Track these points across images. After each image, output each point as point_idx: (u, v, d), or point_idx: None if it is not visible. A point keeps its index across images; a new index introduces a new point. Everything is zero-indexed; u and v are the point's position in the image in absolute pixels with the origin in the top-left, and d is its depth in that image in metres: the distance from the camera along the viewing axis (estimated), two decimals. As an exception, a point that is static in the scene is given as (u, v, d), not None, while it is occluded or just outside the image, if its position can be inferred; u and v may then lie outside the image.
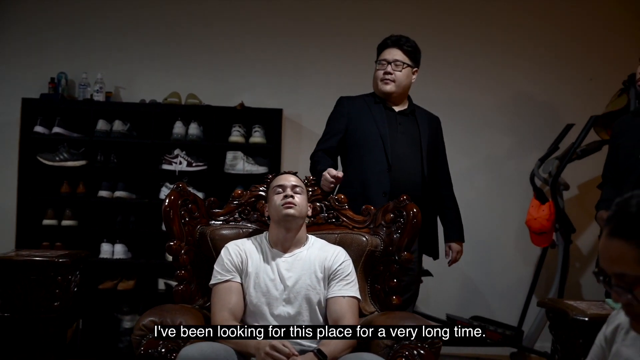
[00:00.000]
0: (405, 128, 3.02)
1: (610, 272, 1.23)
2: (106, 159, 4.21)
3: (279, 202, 2.42)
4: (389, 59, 3.01)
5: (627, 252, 1.18)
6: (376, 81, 3.05)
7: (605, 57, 4.51)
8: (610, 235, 1.21)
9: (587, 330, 2.04)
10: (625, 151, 2.81)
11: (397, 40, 3.04)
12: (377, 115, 3.02)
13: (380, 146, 2.95)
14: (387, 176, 2.92)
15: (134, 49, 4.51)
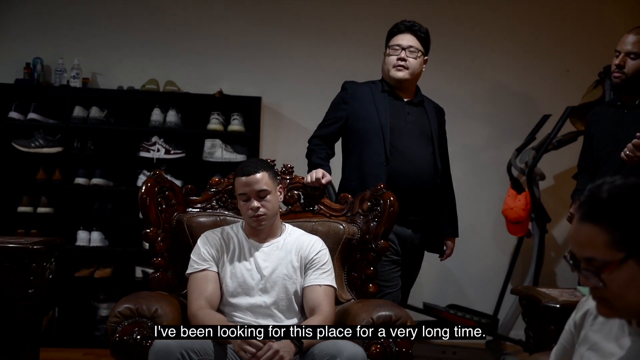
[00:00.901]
0: (414, 118, 2.90)
1: (580, 256, 1.25)
2: (83, 146, 4.17)
3: (246, 211, 2.39)
4: (403, 44, 2.87)
5: (596, 236, 1.21)
6: (387, 67, 2.90)
7: (581, 49, 4.55)
8: (581, 220, 1.24)
9: (559, 317, 2.08)
10: (599, 141, 2.84)
11: (411, 26, 2.91)
12: (380, 104, 2.88)
13: (380, 137, 2.81)
14: (384, 169, 2.79)
15: (112, 34, 4.45)
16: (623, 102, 2.79)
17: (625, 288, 1.21)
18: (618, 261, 1.20)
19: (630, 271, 1.20)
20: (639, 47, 2.69)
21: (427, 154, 2.87)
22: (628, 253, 1.20)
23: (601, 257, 1.21)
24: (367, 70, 4.49)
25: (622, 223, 1.20)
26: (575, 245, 1.26)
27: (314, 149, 2.97)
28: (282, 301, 2.38)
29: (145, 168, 4.19)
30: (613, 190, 1.23)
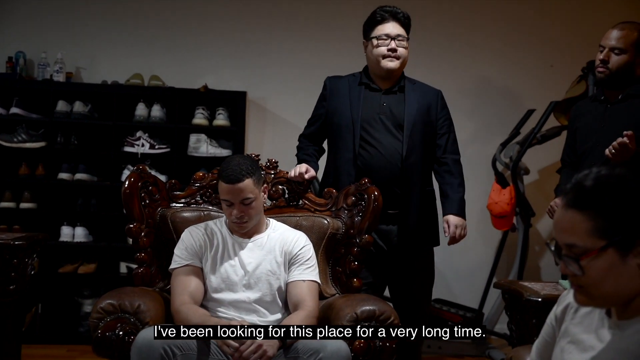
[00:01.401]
0: (389, 108, 2.80)
1: (562, 243, 1.27)
2: (66, 141, 4.13)
3: (229, 216, 2.37)
4: (391, 33, 2.77)
5: (579, 223, 1.23)
6: (377, 58, 2.78)
7: (565, 45, 4.57)
8: (566, 207, 1.26)
9: (541, 310, 2.09)
10: (583, 135, 2.86)
11: (394, 13, 2.81)
12: (354, 98, 2.82)
13: (351, 132, 2.78)
14: (353, 165, 2.77)
15: (96, 28, 4.41)
16: (606, 96, 2.81)
17: (603, 276, 1.23)
18: (598, 249, 1.22)
19: (610, 260, 1.22)
20: (623, 43, 2.71)
21: (397, 144, 2.77)
22: (609, 242, 1.21)
23: (582, 244, 1.23)
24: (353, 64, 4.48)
25: (606, 212, 1.21)
26: (558, 231, 1.28)
27: (302, 146, 2.97)
28: (265, 297, 2.37)
29: (129, 163, 4.16)
30: (598, 179, 1.24)
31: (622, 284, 1.23)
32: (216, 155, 4.17)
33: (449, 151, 2.89)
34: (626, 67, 2.71)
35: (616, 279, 1.23)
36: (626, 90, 2.74)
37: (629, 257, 1.22)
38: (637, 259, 1.22)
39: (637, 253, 1.21)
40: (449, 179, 2.87)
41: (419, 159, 2.80)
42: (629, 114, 2.70)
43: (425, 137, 2.83)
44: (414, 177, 2.79)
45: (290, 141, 4.47)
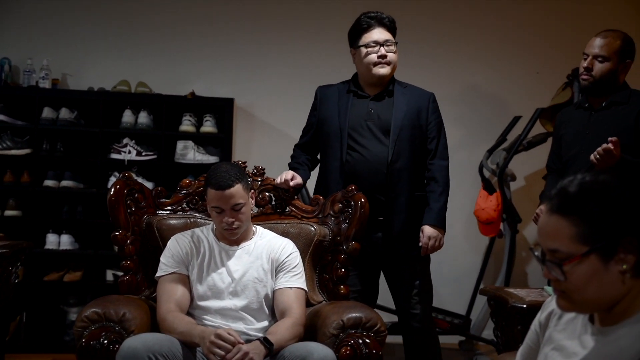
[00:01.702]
0: (377, 114, 2.79)
1: (545, 248, 1.28)
2: (52, 148, 4.11)
3: (219, 224, 2.37)
4: (379, 40, 2.77)
5: (563, 228, 1.24)
6: (367, 66, 2.78)
7: (550, 52, 4.60)
8: (550, 212, 1.27)
9: (526, 317, 2.10)
10: (568, 142, 2.88)
11: (380, 19, 2.80)
12: (342, 105, 2.82)
13: (338, 140, 2.78)
14: (340, 172, 2.77)
15: (83, 35, 4.40)
16: (590, 103, 2.83)
17: (585, 282, 1.23)
18: (581, 255, 1.22)
19: (592, 266, 1.22)
20: (606, 50, 2.74)
21: (383, 149, 2.76)
22: (591, 248, 1.22)
23: (565, 249, 1.24)
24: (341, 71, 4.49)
25: (589, 218, 1.22)
26: (542, 236, 1.28)
27: (294, 155, 2.98)
28: (252, 304, 2.37)
29: (116, 170, 4.14)
30: (583, 185, 1.25)
31: (604, 290, 1.24)
32: (203, 162, 4.16)
33: (437, 156, 2.87)
34: (609, 75, 2.74)
35: (598, 285, 1.23)
36: (609, 98, 2.77)
37: (611, 264, 1.22)
38: (619, 266, 1.22)
39: (619, 260, 1.22)
40: (432, 186, 2.84)
41: (406, 164, 2.78)
42: (612, 120, 2.73)
43: (414, 141, 2.81)
44: (401, 182, 2.77)
45: (277, 148, 4.49)
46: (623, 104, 2.75)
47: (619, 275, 1.23)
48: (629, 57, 2.77)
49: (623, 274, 1.23)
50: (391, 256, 2.80)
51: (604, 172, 1.28)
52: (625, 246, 1.21)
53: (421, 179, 2.87)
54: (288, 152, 4.48)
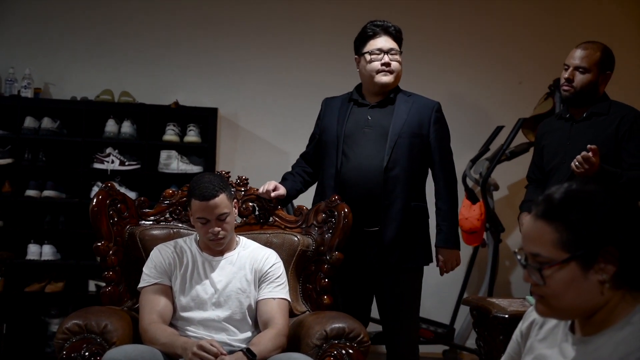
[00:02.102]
0: (374, 122, 2.74)
1: (528, 252, 1.29)
2: (34, 157, 4.08)
3: (205, 235, 2.35)
4: (384, 47, 2.74)
5: (546, 234, 1.25)
6: (370, 74, 2.75)
7: (532, 63, 4.64)
8: (535, 217, 1.28)
9: (508, 327, 2.11)
10: (549, 152, 2.91)
11: (386, 27, 2.78)
12: (342, 114, 2.79)
13: (335, 148, 2.74)
14: (335, 180, 2.73)
15: (66, 44, 4.38)
16: (571, 114, 2.87)
17: (564, 289, 1.24)
18: (561, 261, 1.23)
19: (571, 273, 1.24)
20: (587, 62, 2.77)
21: (379, 156, 2.69)
22: (572, 255, 1.23)
23: (546, 254, 1.25)
24: (324, 82, 4.52)
25: (572, 225, 1.23)
26: (526, 240, 1.30)
27: (294, 164, 2.96)
28: (235, 315, 2.36)
29: (99, 180, 4.12)
30: (569, 193, 1.27)
31: (582, 298, 1.25)
32: (187, 172, 4.14)
33: (441, 168, 2.79)
34: (590, 86, 2.78)
35: (576, 293, 1.25)
36: (590, 108, 2.80)
37: (590, 273, 1.23)
38: (598, 275, 1.23)
39: (599, 269, 1.23)
40: (439, 203, 2.78)
41: (402, 172, 2.70)
42: (593, 131, 2.76)
43: (413, 150, 2.72)
44: (396, 190, 2.69)
45: (261, 158, 4.50)
46: (603, 114, 2.78)
47: (598, 285, 1.24)
48: (609, 68, 2.81)
49: (602, 284, 1.24)
50: (381, 266, 2.71)
51: (591, 182, 1.30)
52: (605, 256, 1.23)
53: (420, 189, 2.79)
54: (272, 161, 4.53)
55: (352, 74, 4.68)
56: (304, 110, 4.52)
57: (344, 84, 4.40)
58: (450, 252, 2.75)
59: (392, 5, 4.56)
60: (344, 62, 4.53)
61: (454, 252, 2.76)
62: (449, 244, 2.74)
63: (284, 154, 4.52)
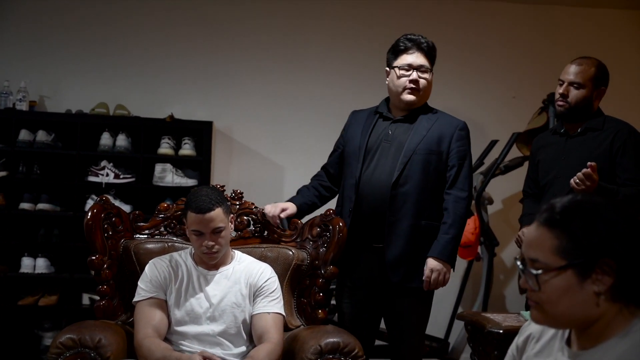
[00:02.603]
0: (393, 137, 2.69)
1: (527, 257, 1.30)
2: (29, 170, 4.07)
3: (199, 248, 2.35)
4: (414, 64, 2.68)
5: (546, 240, 1.27)
6: (397, 89, 2.69)
7: (527, 77, 4.68)
8: (538, 224, 1.30)
9: (502, 342, 2.11)
10: (545, 167, 2.92)
11: (418, 43, 2.71)
12: (366, 127, 2.74)
13: (356, 160, 2.70)
14: (355, 191, 2.67)
15: (61, 57, 4.39)
16: (566, 129, 2.88)
17: (559, 296, 1.25)
18: (558, 267, 1.24)
19: (567, 281, 1.24)
20: (581, 77, 2.79)
21: (391, 171, 2.64)
22: (569, 263, 1.24)
23: (544, 260, 1.26)
24: (319, 96, 4.54)
25: (573, 234, 1.24)
26: (526, 245, 1.31)
27: (314, 177, 2.92)
28: (230, 329, 2.35)
29: (93, 193, 4.11)
30: (573, 202, 1.28)
31: (577, 308, 1.26)
32: (182, 185, 4.14)
33: (455, 187, 2.67)
34: (585, 101, 2.79)
35: (571, 301, 1.25)
36: (585, 124, 2.82)
37: (586, 282, 1.24)
38: (595, 286, 1.24)
39: (595, 280, 1.24)
40: (445, 217, 2.66)
41: (414, 189, 2.62)
42: (588, 146, 2.78)
43: (428, 167, 2.65)
44: (404, 207, 2.62)
45: (256, 171, 4.51)
46: (598, 130, 2.80)
47: (594, 296, 1.24)
48: (603, 84, 2.83)
49: (597, 295, 1.24)
50: (384, 284, 2.64)
51: (596, 195, 1.32)
52: (602, 267, 1.23)
53: (431, 208, 2.68)
54: (266, 175, 4.54)
55: (346, 88, 4.73)
56: (299, 123, 4.54)
57: (339, 98, 4.46)
58: (442, 265, 2.59)
59: (386, 22, 4.59)
60: (339, 76, 4.57)
61: (445, 265, 2.61)
62: (444, 256, 2.60)
63: (278, 167, 4.54)
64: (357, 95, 4.22)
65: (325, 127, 4.39)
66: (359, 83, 4.50)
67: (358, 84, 4.50)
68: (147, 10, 4.48)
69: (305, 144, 4.49)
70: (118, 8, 4.46)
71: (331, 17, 4.61)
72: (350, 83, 4.53)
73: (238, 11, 4.55)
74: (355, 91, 4.43)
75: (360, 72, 4.54)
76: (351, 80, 4.54)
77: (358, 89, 4.44)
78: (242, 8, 4.55)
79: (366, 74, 4.50)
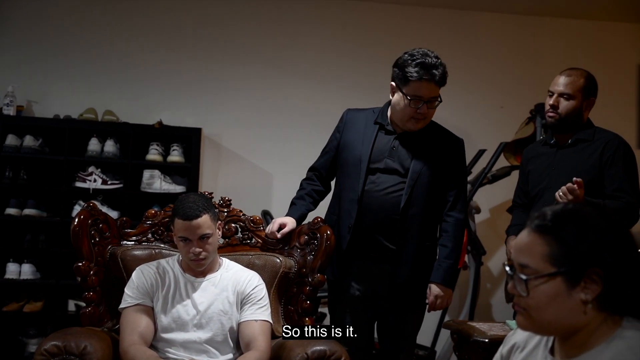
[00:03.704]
0: (398, 152, 2.64)
1: (516, 262, 1.31)
2: (15, 175, 4.05)
3: (186, 254, 2.35)
4: (425, 97, 2.58)
5: (536, 246, 1.28)
6: (403, 116, 2.61)
7: (515, 87, 4.72)
8: (529, 230, 1.31)
9: (488, 351, 2.12)
10: (535, 178, 2.93)
11: (433, 75, 2.57)
12: (367, 136, 2.67)
13: (358, 171, 2.63)
14: (355, 207, 2.62)
15: (49, 62, 4.37)
16: (557, 140, 2.90)
17: (546, 302, 1.26)
18: (547, 274, 1.25)
19: (556, 288, 1.25)
20: (570, 89, 2.80)
21: (398, 193, 2.61)
22: (558, 270, 1.25)
23: (534, 266, 1.27)
24: (308, 103, 4.55)
25: (564, 241, 1.25)
26: (516, 251, 1.32)
27: (303, 182, 2.86)
28: (217, 337, 2.35)
29: (81, 198, 4.09)
30: (565, 210, 1.29)
31: (563, 315, 1.26)
32: (170, 192, 4.13)
33: (456, 209, 2.69)
34: (575, 112, 2.80)
35: (558, 308, 1.26)
36: (575, 135, 2.83)
37: (575, 291, 1.25)
38: (582, 295, 1.25)
39: (584, 288, 1.25)
40: (444, 240, 2.68)
41: (420, 212, 2.62)
42: (578, 157, 2.79)
43: (432, 188, 2.64)
44: (412, 230, 2.62)
45: (245, 178, 4.50)
46: (588, 141, 2.81)
47: (581, 304, 1.25)
48: (593, 94, 2.84)
49: (585, 304, 1.25)
50: (391, 305, 2.67)
51: (589, 206, 1.33)
52: (591, 276, 1.24)
53: (433, 228, 2.72)
54: (255, 182, 4.53)
55: (335, 95, 4.74)
56: (288, 131, 4.55)
57: (328, 105, 4.46)
58: (446, 291, 2.65)
59: (375, 29, 4.62)
60: (328, 83, 4.59)
61: (449, 291, 2.66)
62: (447, 283, 2.65)
63: (267, 174, 4.54)
64: (346, 102, 4.20)
65: (313, 134, 4.39)
66: (348, 90, 4.52)
67: (347, 91, 4.52)
68: (137, 16, 4.48)
69: (294, 151, 4.49)
70: (107, 14, 4.46)
71: (320, 23, 4.63)
72: (339, 90, 4.55)
73: (227, 18, 4.55)
74: (345, 98, 4.44)
75: (349, 79, 4.56)
76: (340, 87, 4.55)
77: (347, 95, 4.46)
78: (231, 15, 4.56)
79: (355, 80, 4.52)
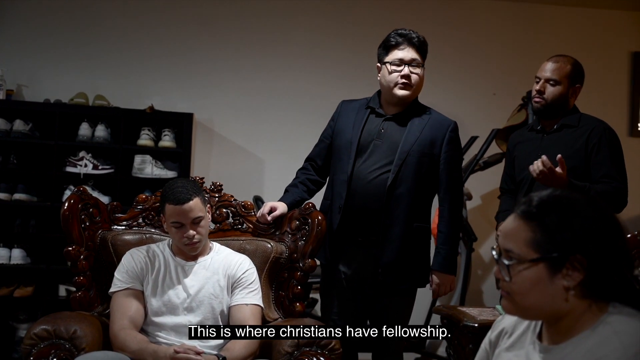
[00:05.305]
0: (387, 134, 2.66)
1: (502, 247, 1.32)
2: (5, 160, 4.02)
3: (180, 240, 2.34)
4: (405, 58, 2.64)
5: (521, 232, 1.29)
6: (389, 85, 2.65)
7: (507, 74, 4.71)
8: (515, 215, 1.32)
9: (477, 335, 2.13)
10: (521, 163, 2.94)
11: (409, 38, 2.67)
12: (357, 121, 2.70)
13: (347, 155, 2.67)
14: (345, 187, 2.64)
15: (39, 45, 4.34)
16: (543, 126, 2.91)
17: (529, 287, 1.28)
18: (530, 260, 1.27)
19: (538, 274, 1.26)
20: (557, 74, 2.82)
21: (386, 172, 2.62)
22: (541, 256, 1.26)
23: (517, 251, 1.28)
24: (300, 89, 4.53)
25: (547, 228, 1.26)
26: (502, 236, 1.33)
27: (299, 172, 2.87)
28: (207, 321, 2.35)
29: (71, 183, 4.07)
30: (551, 197, 1.30)
31: (545, 301, 1.28)
32: (161, 177, 4.12)
33: (450, 191, 2.69)
34: (561, 98, 2.82)
35: (540, 294, 1.27)
36: (561, 120, 2.85)
37: (557, 277, 1.26)
38: (564, 281, 1.26)
39: (566, 275, 1.26)
40: (442, 226, 2.70)
41: (407, 191, 2.61)
42: (563, 143, 2.81)
43: (421, 169, 2.64)
44: (398, 209, 2.61)
45: (236, 164, 4.50)
46: (573, 126, 2.83)
47: (563, 291, 1.26)
48: (579, 81, 2.86)
49: (567, 290, 1.26)
50: (376, 286, 2.66)
51: (576, 193, 1.33)
52: (573, 263, 1.25)
53: (423, 210, 2.71)
54: (247, 168, 4.52)
55: (328, 81, 4.74)
56: (280, 116, 4.54)
57: (320, 90, 4.46)
58: (446, 277, 2.67)
59: (368, 17, 4.60)
60: (320, 69, 4.57)
61: (449, 277, 2.67)
62: (446, 269, 2.66)
63: (259, 160, 4.53)
64: (339, 88, 4.23)
65: (305, 119, 4.40)
66: (341, 76, 4.51)
67: (340, 77, 4.51)
68: (128, 1, 4.44)
69: (285, 136, 4.49)
70: (98, -2, 4.42)
71: (313, 10, 4.61)
72: (332, 76, 4.53)
73: (219, 3, 4.52)
74: (337, 84, 4.44)
75: (342, 65, 4.55)
76: (333, 73, 4.54)
77: (339, 81, 4.45)
78: (224, 0, 4.52)
79: (348, 67, 4.51)
